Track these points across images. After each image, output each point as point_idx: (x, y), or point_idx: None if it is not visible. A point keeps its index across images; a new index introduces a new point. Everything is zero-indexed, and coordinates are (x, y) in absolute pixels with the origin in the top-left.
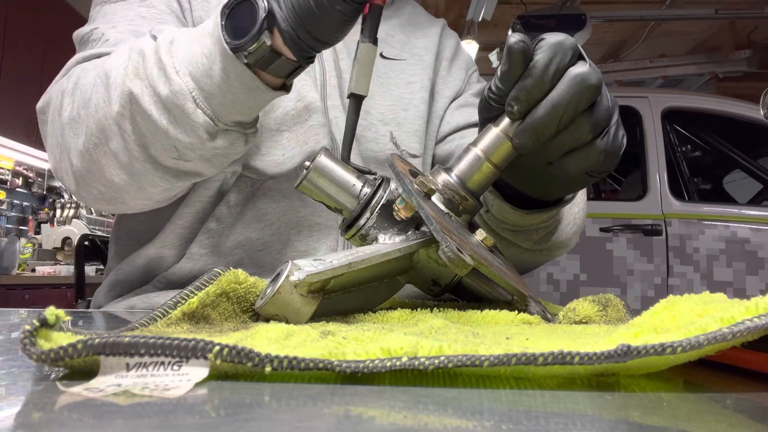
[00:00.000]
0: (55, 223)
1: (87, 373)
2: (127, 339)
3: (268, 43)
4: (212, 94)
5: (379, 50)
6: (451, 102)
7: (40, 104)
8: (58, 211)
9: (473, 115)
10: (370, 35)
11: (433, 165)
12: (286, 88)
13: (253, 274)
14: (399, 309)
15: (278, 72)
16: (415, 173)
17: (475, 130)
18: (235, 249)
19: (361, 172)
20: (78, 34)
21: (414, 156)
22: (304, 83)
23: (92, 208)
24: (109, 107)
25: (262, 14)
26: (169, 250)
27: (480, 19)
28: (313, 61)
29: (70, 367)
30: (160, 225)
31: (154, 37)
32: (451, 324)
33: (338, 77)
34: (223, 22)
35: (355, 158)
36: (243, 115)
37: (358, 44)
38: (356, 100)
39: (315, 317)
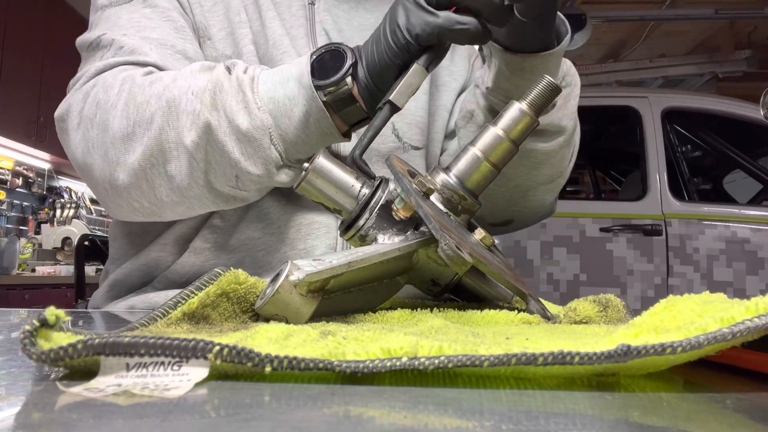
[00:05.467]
0: (55, 223)
1: (87, 373)
2: (127, 339)
3: (350, 86)
4: (287, 133)
5: None
6: (459, 95)
7: (59, 112)
8: (58, 211)
9: None
10: (426, 62)
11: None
12: (348, 135)
13: (253, 274)
14: (399, 309)
15: (348, 118)
16: (413, 173)
17: None
18: (239, 247)
19: (363, 173)
20: (84, 41)
21: (416, 148)
22: None
23: (108, 214)
24: (178, 133)
25: (349, 61)
26: (171, 247)
27: None
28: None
29: (70, 367)
30: (160, 227)
31: (228, 69)
32: (451, 324)
33: None
34: (311, 63)
35: None
36: (306, 154)
37: (414, 64)
38: (391, 109)
39: (315, 317)
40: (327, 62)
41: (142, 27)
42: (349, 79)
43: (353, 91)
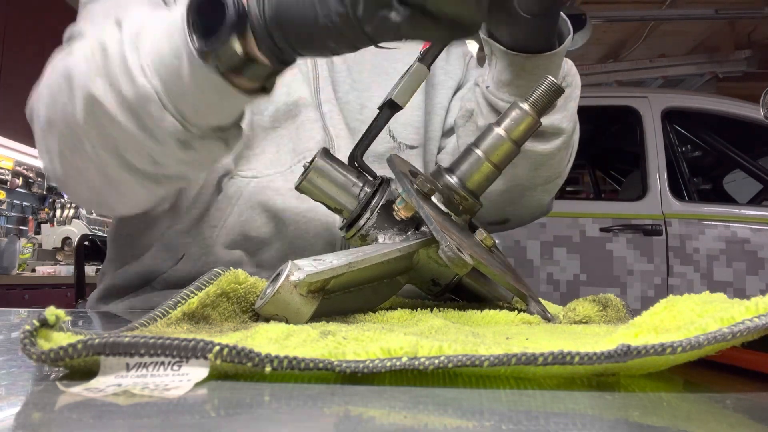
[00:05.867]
0: (55, 223)
1: (87, 373)
2: (127, 339)
3: (239, 49)
4: (182, 97)
5: None
6: (455, 92)
7: (27, 110)
8: (58, 211)
9: None
10: (427, 60)
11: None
12: (265, 90)
13: (252, 273)
14: (399, 309)
15: (254, 76)
16: (415, 173)
17: None
18: (235, 249)
19: (364, 172)
20: (65, 34)
21: (412, 147)
22: (293, 77)
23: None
24: (74, 109)
25: (231, 17)
26: (165, 254)
27: None
28: (292, 64)
29: (70, 367)
30: (158, 230)
31: (119, 24)
32: (451, 324)
33: (330, 69)
34: (190, 20)
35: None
36: (220, 119)
37: (416, 63)
38: (392, 109)
39: (315, 317)
40: (212, 15)
41: (113, 13)
42: (236, 38)
43: (250, 49)
